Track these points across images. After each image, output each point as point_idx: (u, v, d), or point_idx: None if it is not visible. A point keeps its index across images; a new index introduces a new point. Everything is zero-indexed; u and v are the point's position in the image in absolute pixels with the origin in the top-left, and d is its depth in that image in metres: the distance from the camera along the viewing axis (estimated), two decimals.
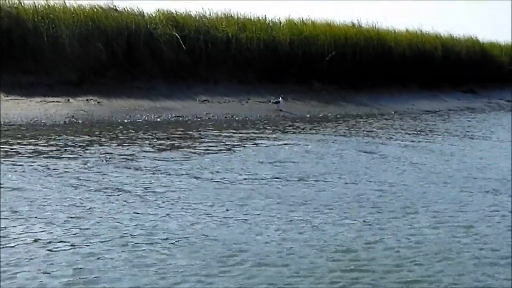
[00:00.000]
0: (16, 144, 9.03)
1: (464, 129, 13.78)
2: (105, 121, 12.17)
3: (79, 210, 5.68)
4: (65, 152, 8.59)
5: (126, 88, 14.14)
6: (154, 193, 6.41)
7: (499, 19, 35.57)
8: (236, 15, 16.98)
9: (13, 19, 13.66)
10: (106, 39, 14.38)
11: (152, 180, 7.01)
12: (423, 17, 39.83)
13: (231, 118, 13.61)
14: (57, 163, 7.69)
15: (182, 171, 7.52)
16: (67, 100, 12.95)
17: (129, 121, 12.37)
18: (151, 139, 10.07)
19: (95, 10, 14.57)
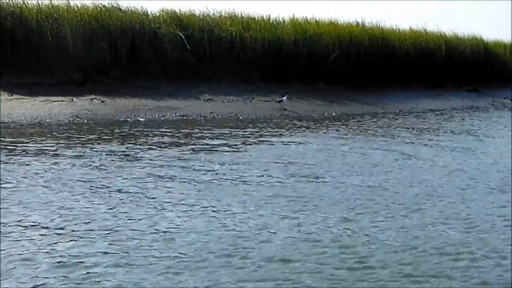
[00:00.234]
0: (20, 143, 8.99)
1: (474, 127, 13.78)
2: (109, 120, 12.12)
3: (82, 209, 5.63)
4: (69, 151, 8.55)
5: (130, 87, 14.11)
6: (160, 192, 6.37)
7: (502, 18, 35.55)
8: (240, 14, 16.97)
9: (16, 19, 13.65)
10: (110, 39, 14.36)
11: (158, 179, 6.97)
12: (425, 17, 39.87)
13: (236, 117, 13.55)
14: (61, 162, 7.65)
15: (188, 170, 7.47)
16: (71, 99, 12.91)
17: (133, 120, 12.32)
18: (156, 138, 10.03)
19: (99, 9, 14.56)
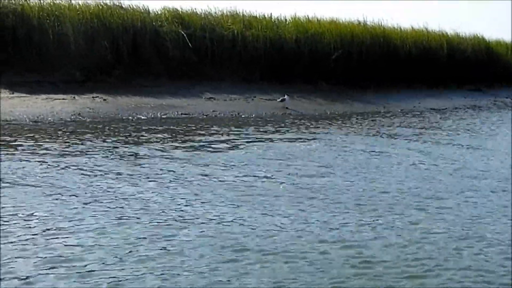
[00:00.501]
0: (21, 141, 8.96)
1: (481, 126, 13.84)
2: (111, 118, 12.08)
3: (85, 207, 5.60)
4: (71, 149, 8.51)
5: (131, 85, 14.07)
6: (164, 191, 6.34)
7: (503, 19, 35.53)
8: (241, 13, 16.93)
9: (18, 17, 13.60)
10: (111, 37, 14.31)
11: (163, 178, 6.94)
12: (427, 17, 39.88)
13: (237, 116, 13.51)
14: (63, 160, 7.61)
15: (193, 169, 7.44)
16: (73, 97, 12.87)
17: (135, 118, 12.28)
18: (158, 136, 9.99)
19: (101, 7, 14.51)
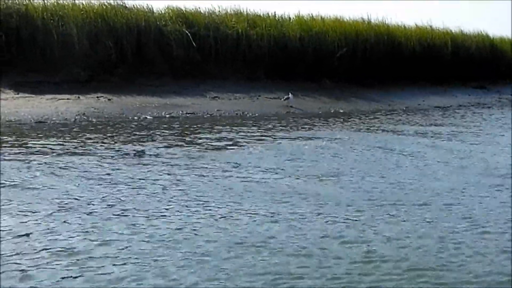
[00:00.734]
0: (27, 141, 8.95)
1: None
2: (115, 118, 12.07)
3: (91, 206, 5.57)
4: (76, 149, 8.50)
5: (136, 85, 14.07)
6: (172, 190, 6.31)
7: (505, 18, 35.47)
8: (245, 12, 16.92)
9: (22, 17, 13.59)
10: (115, 37, 14.31)
11: (171, 177, 6.91)
12: (430, 17, 39.81)
13: (242, 115, 13.49)
14: (68, 160, 7.59)
15: (203, 168, 7.42)
16: (77, 97, 12.87)
17: (139, 118, 12.27)
18: (163, 136, 9.97)
19: (105, 7, 14.51)
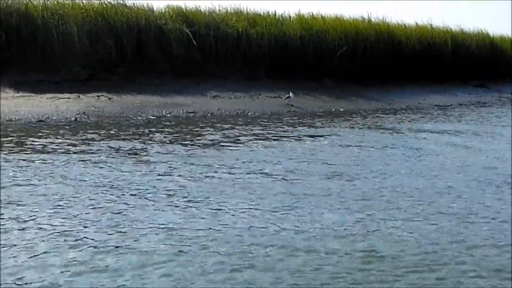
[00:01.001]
0: (27, 140, 8.92)
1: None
2: (116, 117, 12.03)
3: (93, 206, 5.55)
4: (77, 148, 8.47)
5: (136, 84, 14.01)
6: (175, 190, 6.29)
7: (505, 18, 35.46)
8: (245, 11, 16.87)
9: (22, 16, 13.55)
10: (116, 35, 14.26)
11: (171, 175, 6.89)
12: (430, 17, 39.83)
13: (243, 114, 13.45)
14: (69, 159, 7.57)
15: (207, 167, 7.40)
16: (78, 96, 12.82)
17: (140, 117, 12.23)
18: (164, 135, 9.95)
19: (105, 6, 14.46)
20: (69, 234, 4.68)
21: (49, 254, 4.25)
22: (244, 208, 5.56)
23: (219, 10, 16.48)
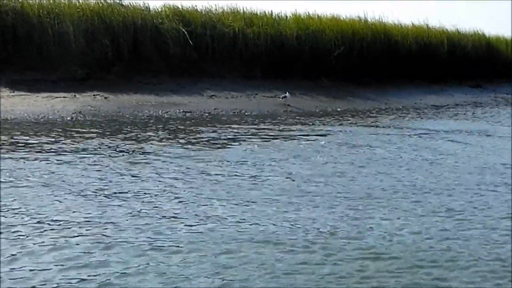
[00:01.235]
0: (23, 139, 8.89)
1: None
2: (112, 116, 12.02)
3: (88, 206, 5.54)
4: (73, 147, 8.45)
5: (132, 83, 14.01)
6: (177, 189, 6.29)
7: (501, 17, 35.58)
8: (242, 10, 16.87)
9: (18, 15, 13.52)
10: (112, 34, 14.24)
11: (173, 176, 6.89)
12: (426, 17, 39.97)
13: (240, 113, 13.46)
14: (66, 158, 7.55)
15: (200, 166, 7.39)
16: (74, 95, 12.80)
17: (136, 116, 12.22)
18: (161, 134, 9.94)
19: (101, 5, 14.43)
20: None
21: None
22: (234, 207, 5.57)
23: (216, 9, 16.49)
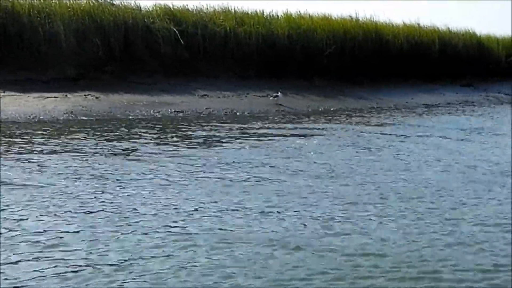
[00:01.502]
0: (14, 140, 8.87)
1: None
2: (103, 116, 12.00)
3: (81, 206, 5.54)
4: (65, 147, 8.44)
5: (124, 83, 13.97)
6: (158, 187, 6.29)
7: (493, 17, 35.77)
8: (233, 9, 16.86)
9: (8, 14, 13.46)
10: (103, 34, 14.21)
11: (157, 174, 6.90)
12: (417, 17, 40.15)
13: (231, 113, 13.47)
14: (57, 159, 7.54)
15: (190, 166, 7.41)
16: (65, 95, 12.75)
17: (128, 116, 12.20)
18: (152, 134, 9.94)
19: (92, 4, 14.40)
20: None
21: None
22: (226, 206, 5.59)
23: (207, 8, 16.48)
